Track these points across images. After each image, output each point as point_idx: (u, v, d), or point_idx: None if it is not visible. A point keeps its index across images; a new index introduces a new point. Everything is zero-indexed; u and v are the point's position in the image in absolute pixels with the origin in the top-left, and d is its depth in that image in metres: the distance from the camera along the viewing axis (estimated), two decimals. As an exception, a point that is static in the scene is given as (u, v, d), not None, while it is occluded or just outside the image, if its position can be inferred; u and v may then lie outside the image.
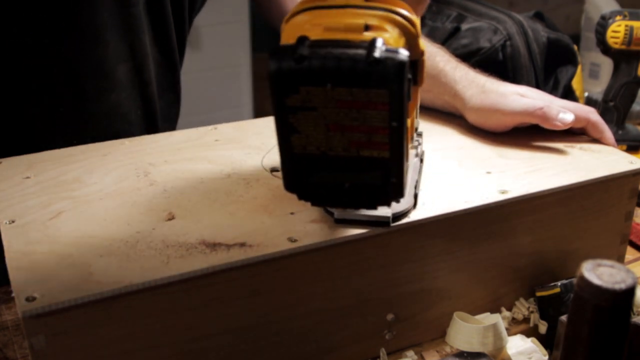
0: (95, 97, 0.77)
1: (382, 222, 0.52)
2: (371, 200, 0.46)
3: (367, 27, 0.42)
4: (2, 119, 0.74)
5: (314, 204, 0.47)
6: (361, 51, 0.39)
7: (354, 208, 0.47)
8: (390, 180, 0.44)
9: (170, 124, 0.91)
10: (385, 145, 0.42)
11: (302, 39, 0.39)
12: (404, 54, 0.39)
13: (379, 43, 0.39)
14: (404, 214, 0.54)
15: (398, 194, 0.44)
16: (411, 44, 0.45)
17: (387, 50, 0.39)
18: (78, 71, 0.75)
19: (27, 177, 0.61)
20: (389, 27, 0.43)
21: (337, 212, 0.52)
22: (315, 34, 0.40)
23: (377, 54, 0.38)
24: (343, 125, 0.41)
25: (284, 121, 0.41)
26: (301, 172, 0.44)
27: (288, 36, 0.43)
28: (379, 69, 0.39)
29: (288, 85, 0.40)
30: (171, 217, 0.54)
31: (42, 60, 0.73)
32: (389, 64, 0.39)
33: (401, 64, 0.39)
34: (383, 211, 0.51)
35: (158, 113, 0.86)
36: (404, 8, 0.44)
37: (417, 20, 0.45)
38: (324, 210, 0.54)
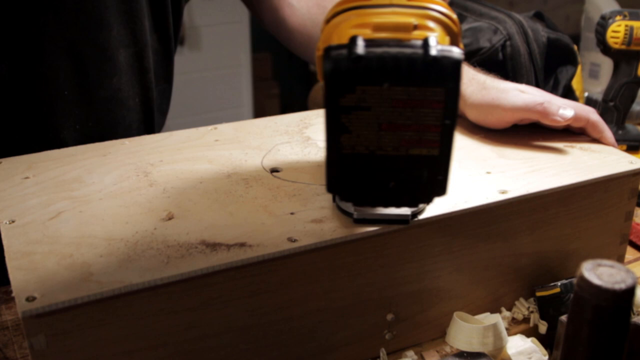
0: (97, 82, 0.78)
1: (402, 220, 0.52)
2: (414, 197, 0.46)
3: (415, 26, 0.42)
4: (8, 102, 0.75)
5: (356, 204, 0.46)
6: (418, 50, 0.39)
7: (395, 206, 0.47)
8: (436, 178, 0.44)
9: (162, 115, 0.93)
10: (436, 143, 0.42)
11: (355, 39, 0.39)
12: (458, 52, 0.39)
13: (433, 42, 0.39)
14: (420, 211, 0.54)
15: (442, 190, 0.45)
16: (454, 42, 0.45)
17: (441, 49, 0.39)
18: (82, 55, 0.76)
19: (27, 177, 0.61)
20: (434, 25, 0.43)
21: (357, 212, 0.52)
22: (364, 34, 0.40)
23: (433, 52, 0.39)
24: (396, 124, 0.42)
25: (335, 121, 0.41)
26: (347, 173, 0.44)
27: (331, 36, 0.43)
28: (437, 67, 0.39)
29: (344, 85, 0.40)
30: (171, 217, 0.54)
31: (48, 43, 0.74)
32: (446, 62, 0.39)
33: (457, 62, 0.39)
34: (402, 209, 0.52)
35: (154, 102, 0.87)
36: (442, 6, 0.44)
37: (457, 19, 0.45)
38: (338, 209, 0.54)
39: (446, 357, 0.57)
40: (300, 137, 0.71)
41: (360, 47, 0.39)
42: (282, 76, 2.93)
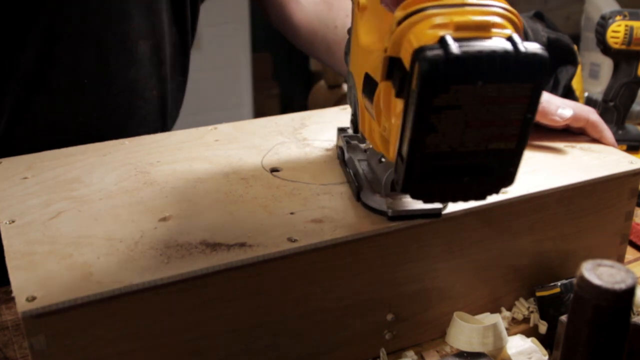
0: (116, 72, 0.80)
1: (435, 213, 0.54)
2: (484, 190, 0.46)
3: (493, 25, 0.42)
4: (31, 89, 0.76)
5: (426, 201, 0.46)
6: (509, 48, 0.39)
7: (464, 201, 0.47)
8: (508, 170, 0.45)
9: (176, 108, 0.94)
10: (514, 137, 0.43)
11: (445, 39, 0.39)
12: (542, 48, 0.40)
13: (518, 39, 0.40)
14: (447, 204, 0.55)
15: (511, 182, 0.45)
16: (522, 37, 0.46)
17: (528, 46, 0.40)
18: (103, 45, 0.78)
19: (27, 177, 0.61)
20: (505, 22, 0.43)
21: (390, 209, 0.53)
22: (448, 34, 0.40)
23: (523, 49, 0.39)
24: (482, 120, 0.42)
25: (424, 121, 0.41)
26: (426, 172, 0.44)
27: (405, 38, 0.42)
28: (527, 63, 0.40)
29: (440, 86, 0.39)
30: (171, 217, 0.54)
31: (73, 32, 0.75)
32: (535, 59, 0.40)
33: (544, 58, 0.40)
34: (430, 205, 0.54)
35: (169, 95, 0.88)
36: (504, 2, 0.44)
37: (518, 14, 0.46)
38: (366, 207, 0.55)
39: (446, 357, 0.57)
40: (301, 137, 0.71)
41: (455, 47, 0.39)
42: (282, 76, 2.93)
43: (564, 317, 0.54)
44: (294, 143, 0.70)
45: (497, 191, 0.46)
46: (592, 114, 0.70)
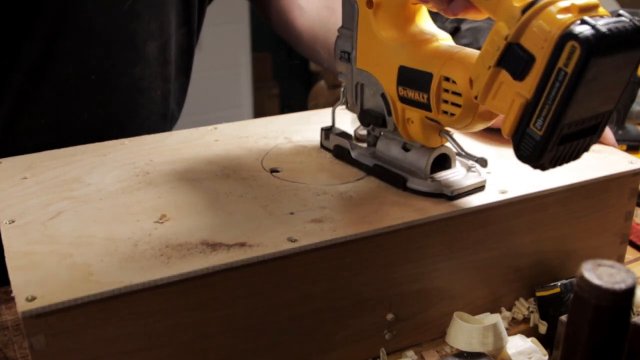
0: (122, 69, 0.81)
1: (482, 185, 0.59)
2: (583, 149, 0.51)
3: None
4: (37, 83, 0.76)
5: (551, 167, 0.50)
6: (629, 22, 0.44)
7: (574, 160, 0.51)
8: (603, 129, 0.50)
9: (179, 108, 0.95)
10: (615, 99, 0.48)
11: (585, 20, 0.44)
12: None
13: (624, 13, 0.45)
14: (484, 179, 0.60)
15: (599, 138, 0.51)
16: None
17: (633, 18, 0.45)
18: (111, 42, 0.78)
19: (27, 177, 0.61)
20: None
21: (449, 189, 0.57)
22: (577, 17, 0.44)
23: (636, 22, 0.45)
24: (607, 87, 0.47)
25: (572, 95, 0.45)
26: (558, 140, 0.48)
27: (532, 25, 0.46)
28: (639, 32, 0.45)
29: (594, 60, 0.43)
30: (171, 217, 0.54)
31: (79, 27, 0.76)
32: None
33: None
34: (477, 178, 0.59)
35: (171, 95, 0.89)
36: None
37: None
38: (414, 192, 0.58)
39: (446, 357, 0.57)
40: (301, 138, 0.71)
41: (601, 25, 0.43)
42: (282, 76, 2.93)
43: (564, 317, 0.54)
44: (294, 143, 0.70)
45: (589, 149, 0.52)
46: None
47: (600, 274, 0.36)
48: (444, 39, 0.57)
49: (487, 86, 0.49)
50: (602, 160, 0.66)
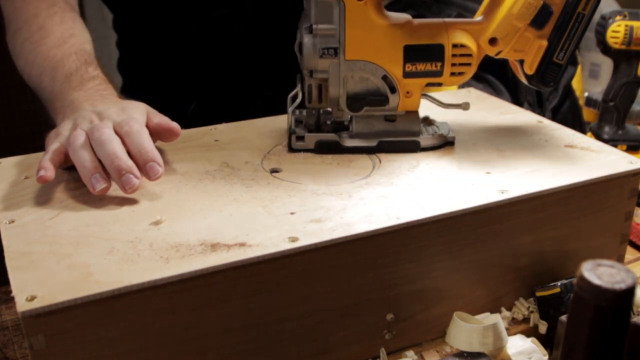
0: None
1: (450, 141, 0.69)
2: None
3: None
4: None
5: (556, 86, 0.68)
6: None
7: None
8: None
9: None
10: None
11: None
12: None
13: None
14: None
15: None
16: None
17: None
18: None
19: (27, 177, 0.61)
20: None
21: (450, 137, 0.69)
22: None
23: None
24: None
25: (586, 29, 0.64)
26: (567, 64, 0.66)
27: None
28: None
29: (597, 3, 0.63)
30: (171, 217, 0.54)
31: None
32: None
33: None
34: (447, 127, 0.70)
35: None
36: None
37: None
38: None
39: (446, 357, 0.57)
40: (300, 137, 0.71)
41: None
42: (282, 76, 2.93)
43: (564, 317, 0.54)
44: (294, 143, 0.70)
45: None
46: None
47: (600, 274, 0.36)
48: (412, 18, 0.66)
49: (513, 39, 0.64)
50: (602, 160, 0.66)
